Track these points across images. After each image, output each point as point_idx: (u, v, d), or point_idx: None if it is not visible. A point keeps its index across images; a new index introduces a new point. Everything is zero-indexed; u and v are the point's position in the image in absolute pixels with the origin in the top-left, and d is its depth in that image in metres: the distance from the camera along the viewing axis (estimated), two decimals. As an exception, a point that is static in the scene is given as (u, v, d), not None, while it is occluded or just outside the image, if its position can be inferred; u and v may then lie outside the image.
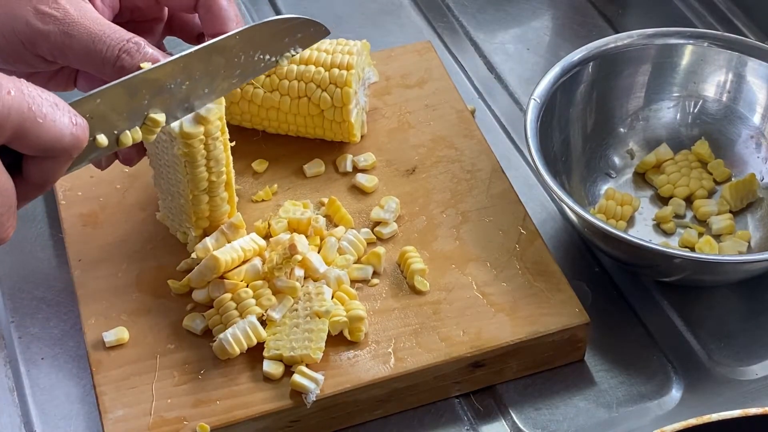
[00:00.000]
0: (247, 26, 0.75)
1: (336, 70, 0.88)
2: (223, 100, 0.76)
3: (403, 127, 0.94)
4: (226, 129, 0.78)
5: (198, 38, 0.81)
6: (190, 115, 0.75)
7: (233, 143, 0.80)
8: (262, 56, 0.77)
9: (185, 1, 0.77)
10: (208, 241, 0.81)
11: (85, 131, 0.63)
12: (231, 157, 0.80)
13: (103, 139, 0.68)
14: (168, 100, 0.72)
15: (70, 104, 0.64)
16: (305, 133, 0.92)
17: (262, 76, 0.88)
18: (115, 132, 0.69)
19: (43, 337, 0.85)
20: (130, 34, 0.72)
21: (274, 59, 0.78)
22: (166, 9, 0.81)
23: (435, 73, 0.98)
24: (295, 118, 0.90)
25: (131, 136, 0.70)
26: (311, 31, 0.79)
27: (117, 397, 0.76)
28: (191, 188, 0.79)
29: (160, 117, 0.71)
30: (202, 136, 0.76)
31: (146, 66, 0.70)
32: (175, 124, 0.74)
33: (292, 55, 0.78)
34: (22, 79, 0.60)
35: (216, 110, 0.76)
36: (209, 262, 0.79)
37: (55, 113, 0.61)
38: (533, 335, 0.79)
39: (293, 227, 0.84)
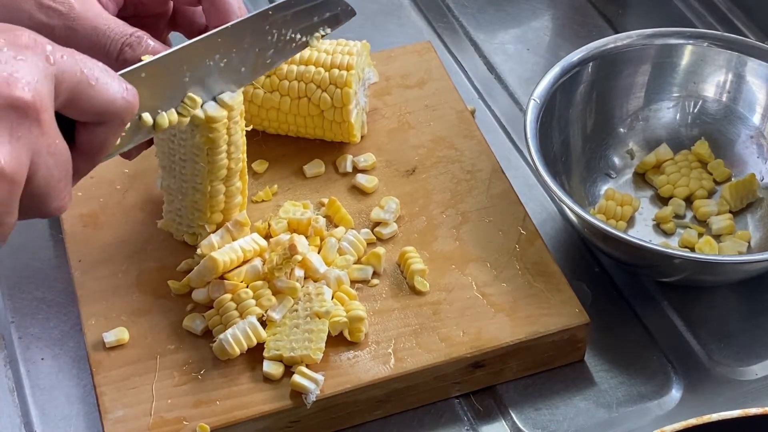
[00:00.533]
0: (278, 1, 0.76)
1: (336, 71, 0.88)
2: (241, 92, 0.77)
3: (403, 127, 0.94)
4: (244, 112, 0.79)
5: (202, 33, 0.81)
6: (212, 102, 0.75)
7: (249, 128, 0.80)
8: (293, 35, 0.78)
9: None
10: (213, 238, 0.81)
11: (135, 96, 0.64)
12: (246, 144, 0.80)
13: (147, 117, 0.69)
14: (206, 78, 0.73)
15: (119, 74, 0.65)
16: (305, 134, 0.92)
17: (262, 77, 0.88)
18: (159, 111, 0.70)
19: (43, 337, 0.85)
20: (133, 29, 0.72)
21: (304, 39, 0.79)
22: (171, 3, 0.81)
23: (435, 73, 0.98)
24: (295, 118, 0.90)
25: (167, 118, 0.71)
26: (339, 11, 0.81)
27: (117, 397, 0.76)
28: (210, 178, 0.79)
29: (198, 96, 0.72)
30: (225, 120, 0.76)
31: (146, 58, 0.70)
32: (198, 111, 0.74)
33: (322, 36, 0.80)
34: (72, 48, 0.61)
35: (238, 97, 0.76)
36: (208, 263, 0.79)
37: (107, 77, 0.61)
38: (533, 335, 0.79)
39: (293, 227, 0.84)
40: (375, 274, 0.83)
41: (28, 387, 0.82)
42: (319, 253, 0.83)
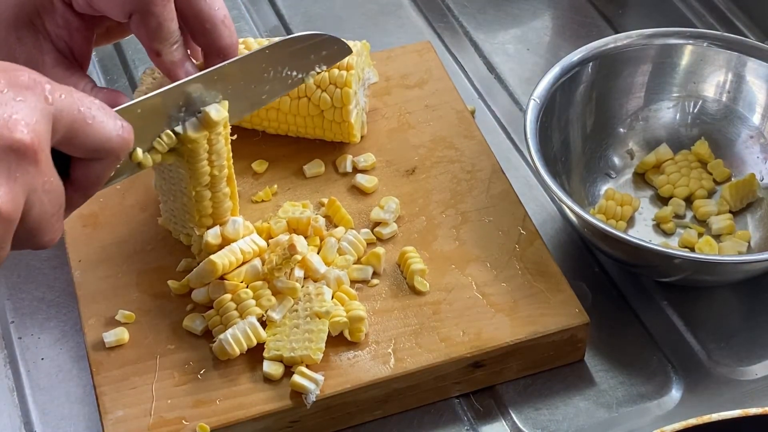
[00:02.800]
0: (275, 40, 0.77)
1: (336, 71, 0.88)
2: (226, 103, 0.77)
3: (403, 127, 0.94)
4: (228, 122, 0.78)
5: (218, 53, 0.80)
6: (193, 119, 0.75)
7: (234, 137, 0.80)
8: (289, 72, 0.79)
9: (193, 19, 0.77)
10: (211, 233, 0.81)
11: (130, 133, 0.65)
12: (231, 152, 0.80)
13: (140, 153, 0.70)
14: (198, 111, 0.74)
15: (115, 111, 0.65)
16: (305, 134, 0.92)
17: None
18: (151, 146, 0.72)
19: (43, 337, 0.85)
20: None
21: (300, 76, 0.80)
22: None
23: (435, 73, 0.98)
24: (295, 118, 0.90)
25: (150, 157, 0.72)
26: (335, 49, 0.81)
27: (117, 397, 0.76)
28: (193, 184, 0.79)
29: (174, 137, 0.73)
30: (206, 133, 0.76)
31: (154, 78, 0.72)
32: (179, 128, 0.75)
33: (318, 73, 0.80)
34: (71, 87, 0.62)
35: (223, 113, 0.76)
36: (206, 266, 0.79)
37: (103, 115, 0.63)
38: (533, 335, 0.79)
39: (293, 227, 0.84)
40: (375, 274, 0.83)
41: (28, 387, 0.82)
42: (318, 253, 0.83)
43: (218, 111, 0.75)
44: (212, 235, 0.81)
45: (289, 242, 0.79)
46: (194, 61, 0.77)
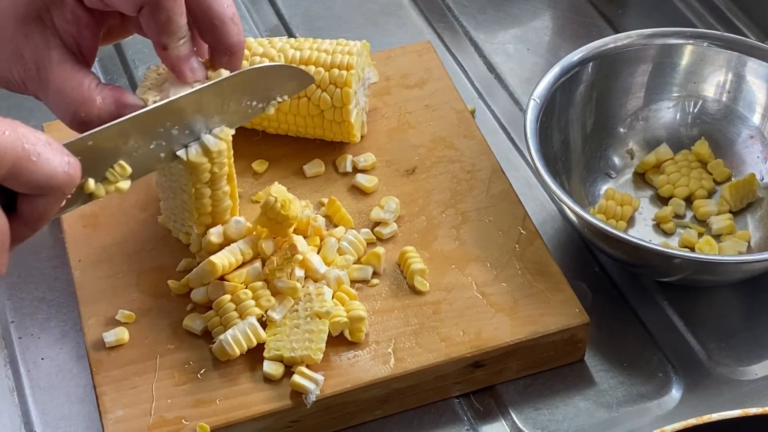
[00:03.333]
0: (236, 72, 0.76)
1: (336, 71, 0.88)
2: (230, 132, 0.77)
3: (403, 127, 0.94)
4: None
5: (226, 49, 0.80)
6: (197, 145, 0.76)
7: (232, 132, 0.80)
8: (249, 102, 0.78)
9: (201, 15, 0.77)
10: (214, 232, 0.81)
11: (77, 170, 0.64)
12: (232, 149, 0.80)
13: (92, 184, 0.69)
14: (155, 144, 0.74)
15: (64, 144, 0.65)
16: (305, 134, 0.92)
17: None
18: (105, 176, 0.71)
19: (43, 337, 0.85)
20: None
21: (261, 106, 0.79)
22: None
23: (435, 73, 0.98)
24: (295, 118, 0.90)
25: (104, 188, 0.71)
26: (297, 79, 0.80)
27: (117, 397, 0.76)
28: (193, 181, 0.79)
29: (128, 166, 0.72)
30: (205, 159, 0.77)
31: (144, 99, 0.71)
32: (181, 152, 0.75)
33: (278, 102, 0.79)
34: (17, 121, 0.61)
35: (223, 143, 0.76)
36: (206, 267, 0.79)
37: (49, 152, 0.62)
38: (533, 335, 0.79)
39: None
40: (375, 274, 0.83)
41: (28, 387, 0.82)
42: (318, 253, 0.83)
43: (216, 142, 0.76)
44: (215, 234, 0.81)
45: (290, 242, 0.79)
46: (200, 58, 0.77)
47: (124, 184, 0.72)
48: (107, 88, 0.73)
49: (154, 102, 0.75)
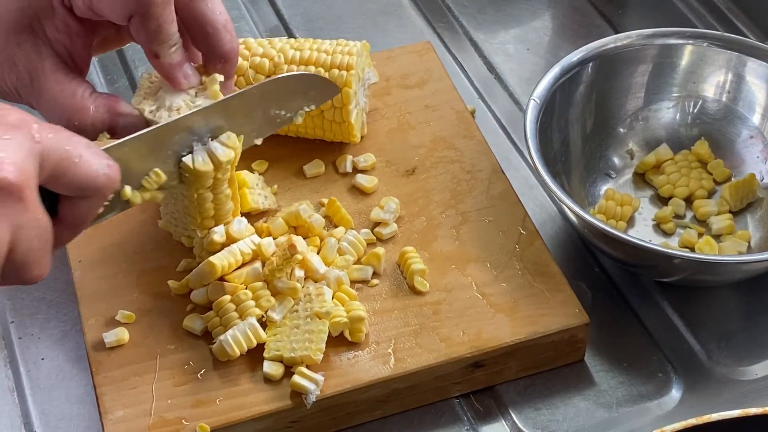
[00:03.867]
0: (264, 81, 0.77)
1: (336, 71, 0.88)
2: (238, 143, 0.77)
3: (403, 127, 0.94)
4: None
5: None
6: (203, 151, 0.76)
7: None
8: (277, 112, 0.79)
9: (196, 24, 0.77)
10: (217, 231, 0.81)
11: (117, 172, 0.66)
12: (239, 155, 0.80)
13: (128, 191, 0.71)
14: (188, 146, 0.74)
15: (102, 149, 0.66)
16: (305, 134, 0.92)
17: (262, 77, 0.88)
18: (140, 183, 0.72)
19: (43, 337, 0.85)
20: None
21: (289, 115, 0.79)
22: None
23: (435, 73, 0.98)
24: (295, 118, 0.90)
25: (140, 195, 0.72)
26: (324, 89, 0.81)
27: (117, 397, 0.76)
28: (195, 186, 0.79)
29: (163, 174, 0.73)
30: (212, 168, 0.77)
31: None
32: (187, 159, 0.75)
33: (306, 112, 0.80)
34: (58, 126, 0.63)
35: (230, 153, 0.77)
36: (206, 267, 0.79)
37: (90, 155, 0.63)
38: (533, 335, 0.79)
39: (292, 225, 0.84)
40: (375, 274, 0.83)
41: (28, 387, 0.82)
42: (318, 253, 0.83)
43: (225, 152, 0.76)
44: (218, 234, 0.81)
45: (290, 242, 0.79)
46: (193, 64, 0.77)
47: (160, 194, 0.73)
48: (101, 96, 0.73)
49: (150, 112, 0.75)
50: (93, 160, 0.63)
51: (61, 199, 0.64)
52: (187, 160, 0.75)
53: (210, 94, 0.76)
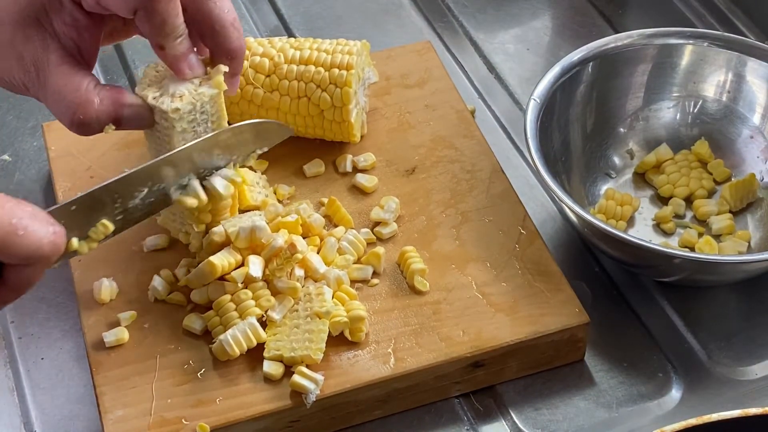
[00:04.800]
0: (215, 132, 0.77)
1: (336, 70, 0.88)
2: (239, 172, 0.79)
3: (403, 127, 0.94)
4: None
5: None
6: (196, 182, 0.77)
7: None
8: (230, 157, 0.79)
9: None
10: (216, 231, 0.81)
11: (62, 237, 0.66)
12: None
13: (76, 243, 0.70)
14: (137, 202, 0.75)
15: (48, 212, 0.66)
16: (305, 134, 0.92)
17: (262, 76, 0.88)
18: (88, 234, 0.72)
19: (43, 337, 0.85)
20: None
21: (240, 158, 0.80)
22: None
23: (435, 73, 0.98)
24: (294, 118, 0.90)
25: (86, 245, 0.72)
26: (278, 132, 0.82)
27: (117, 397, 0.76)
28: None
29: (110, 224, 0.73)
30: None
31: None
32: (196, 184, 0.77)
33: (258, 155, 0.81)
34: (1, 193, 0.63)
35: (230, 188, 0.78)
36: (206, 267, 0.79)
37: (35, 224, 0.63)
38: (533, 335, 0.79)
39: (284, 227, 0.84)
40: (375, 273, 0.83)
41: (28, 387, 0.82)
42: (318, 253, 0.83)
43: (225, 186, 0.77)
44: (218, 234, 0.81)
45: (289, 242, 0.79)
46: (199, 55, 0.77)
47: (106, 241, 0.73)
48: (105, 89, 0.73)
49: (154, 98, 0.75)
50: (39, 229, 0.63)
51: (6, 265, 0.64)
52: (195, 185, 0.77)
53: (213, 84, 0.76)
